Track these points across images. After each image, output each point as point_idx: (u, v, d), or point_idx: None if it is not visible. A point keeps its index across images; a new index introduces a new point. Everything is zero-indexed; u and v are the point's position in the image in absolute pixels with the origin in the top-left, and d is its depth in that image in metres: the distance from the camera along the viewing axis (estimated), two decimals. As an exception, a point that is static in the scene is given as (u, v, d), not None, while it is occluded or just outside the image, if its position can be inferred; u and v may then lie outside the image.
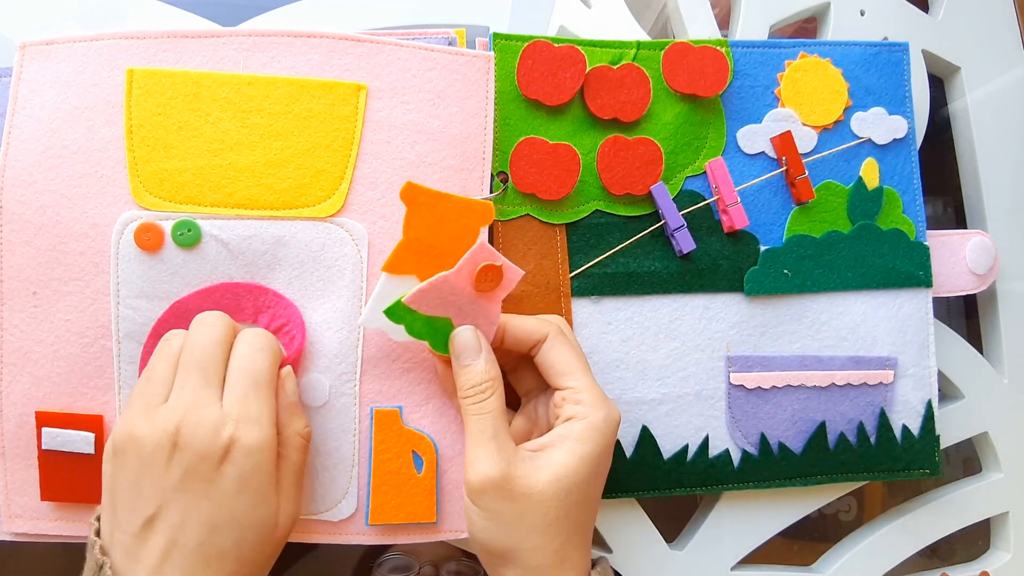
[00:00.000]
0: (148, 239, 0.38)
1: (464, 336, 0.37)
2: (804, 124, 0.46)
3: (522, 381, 0.41)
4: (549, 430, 0.37)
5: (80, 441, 0.38)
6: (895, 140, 0.47)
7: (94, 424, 0.38)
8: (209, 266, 0.39)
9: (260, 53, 0.40)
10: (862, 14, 0.51)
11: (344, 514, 0.40)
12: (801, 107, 0.46)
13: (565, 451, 0.35)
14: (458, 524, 0.41)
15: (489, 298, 0.37)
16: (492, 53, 0.42)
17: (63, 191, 0.39)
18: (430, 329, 0.37)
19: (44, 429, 0.38)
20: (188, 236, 0.38)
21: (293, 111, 0.40)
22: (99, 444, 0.39)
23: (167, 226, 0.38)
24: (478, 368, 0.36)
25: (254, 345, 0.35)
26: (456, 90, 0.41)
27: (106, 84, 0.39)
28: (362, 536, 0.40)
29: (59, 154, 0.39)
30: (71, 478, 0.38)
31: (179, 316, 0.38)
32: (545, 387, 0.40)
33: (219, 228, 0.39)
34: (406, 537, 0.41)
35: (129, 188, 0.39)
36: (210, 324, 0.35)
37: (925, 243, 0.47)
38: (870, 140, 0.47)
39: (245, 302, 0.39)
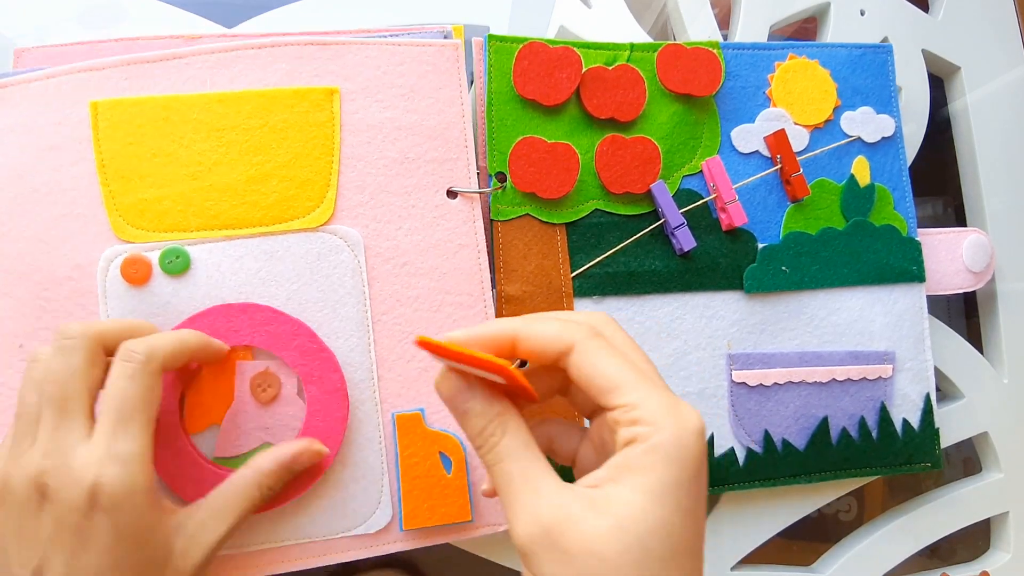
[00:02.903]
0: (135, 272, 0.37)
1: (444, 385, 0.29)
2: (795, 123, 0.46)
3: (577, 399, 0.32)
4: None
5: None
6: (883, 138, 0.48)
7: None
8: (202, 291, 0.38)
9: (225, 69, 0.39)
10: (862, 14, 0.51)
11: (379, 525, 0.39)
12: (792, 107, 0.46)
13: (627, 488, 0.25)
14: (494, 518, 0.40)
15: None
16: (459, 41, 0.42)
17: (40, 236, 0.37)
18: None
19: None
20: (177, 263, 0.38)
21: (268, 123, 0.39)
22: None
23: (154, 256, 0.37)
24: (474, 411, 0.28)
25: (125, 371, 0.31)
26: (428, 82, 0.41)
27: (70, 121, 0.38)
28: (399, 544, 0.39)
29: (30, 198, 0.37)
30: None
31: None
32: None
33: (208, 252, 0.38)
34: (444, 538, 0.40)
35: (109, 223, 0.38)
36: (68, 348, 0.31)
37: (916, 239, 0.47)
38: (860, 138, 0.47)
39: (240, 322, 0.38)
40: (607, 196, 0.43)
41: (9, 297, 0.37)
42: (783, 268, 0.45)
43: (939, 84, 0.54)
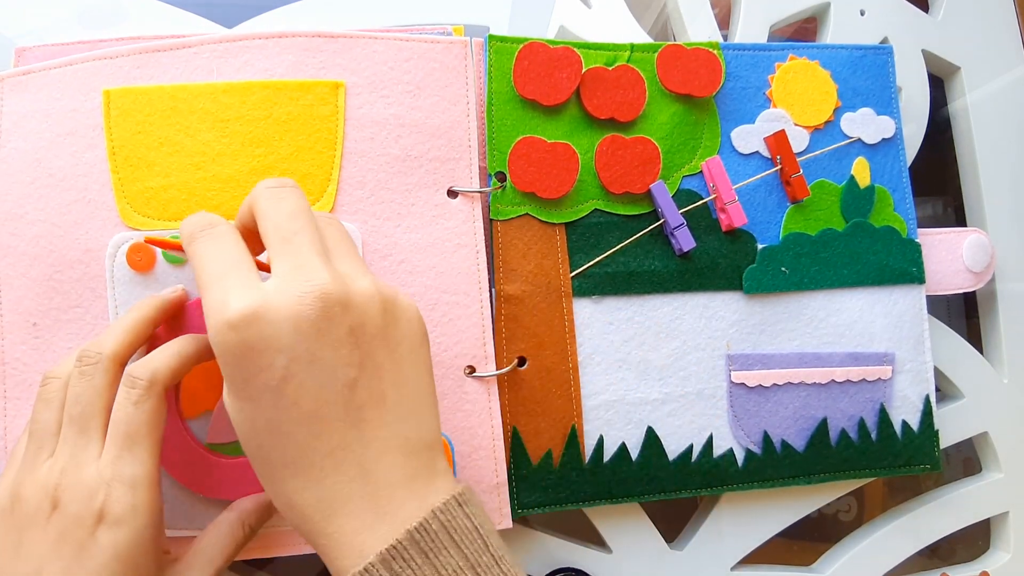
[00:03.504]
0: (140, 259, 0.38)
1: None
2: (796, 124, 0.46)
3: None
4: None
5: None
6: (884, 140, 0.48)
7: None
8: None
9: (233, 59, 0.39)
10: (862, 14, 0.51)
11: None
12: (792, 108, 0.46)
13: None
14: None
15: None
16: (467, 39, 0.42)
17: (54, 219, 0.38)
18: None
19: None
20: (178, 253, 0.38)
21: (272, 115, 0.39)
22: None
23: None
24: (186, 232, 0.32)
25: (130, 397, 0.32)
26: (435, 79, 0.41)
27: (85, 108, 0.39)
28: None
29: (46, 183, 0.38)
30: None
31: (171, 332, 0.37)
32: None
33: None
34: None
35: (117, 210, 0.38)
36: (90, 372, 0.32)
37: (916, 240, 0.47)
38: (860, 140, 0.47)
39: None
40: (607, 196, 0.43)
41: (25, 278, 0.38)
42: (783, 269, 0.45)
43: (939, 84, 0.54)
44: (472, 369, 0.41)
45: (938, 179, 0.54)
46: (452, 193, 0.41)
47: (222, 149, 0.39)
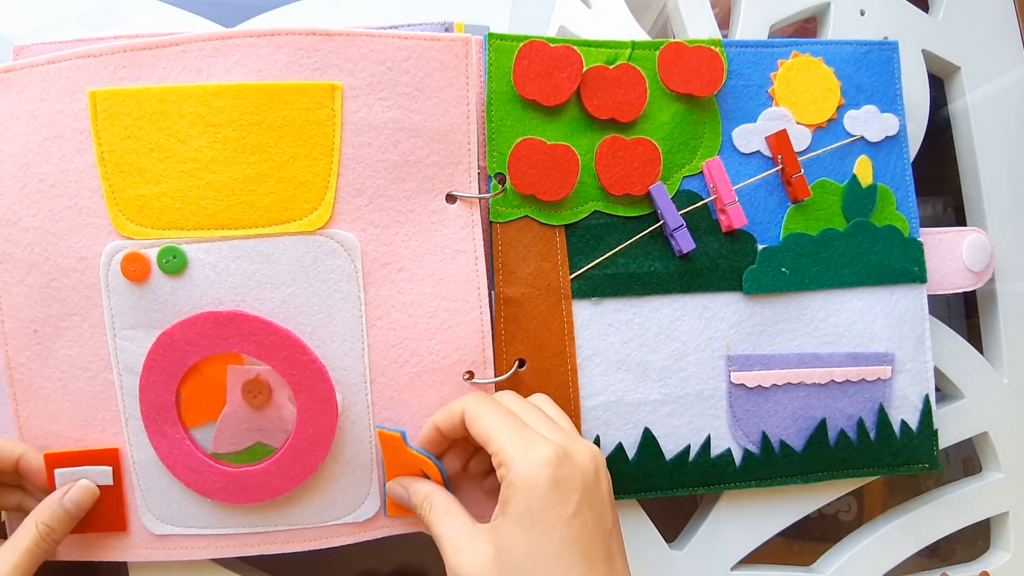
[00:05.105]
0: (135, 270, 0.37)
1: (392, 491, 0.39)
2: (798, 123, 0.46)
3: None
4: None
5: (98, 475, 0.38)
6: (887, 138, 0.47)
7: (110, 457, 0.38)
8: (198, 291, 0.38)
9: (223, 58, 0.38)
10: (862, 14, 0.51)
11: (368, 514, 0.40)
12: (795, 106, 0.46)
13: (500, 518, 0.33)
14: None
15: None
16: (469, 36, 0.41)
17: (47, 227, 0.37)
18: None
19: (57, 471, 0.38)
20: (174, 263, 0.37)
21: (266, 120, 0.38)
22: (116, 476, 0.39)
23: (152, 254, 0.37)
24: (412, 501, 0.37)
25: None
26: (435, 80, 0.40)
27: (71, 110, 0.37)
28: (386, 528, 0.41)
29: (36, 188, 0.37)
30: (92, 511, 0.38)
31: (167, 348, 0.37)
32: None
33: (205, 251, 0.38)
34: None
35: (109, 218, 0.37)
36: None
37: (919, 239, 0.47)
38: (863, 138, 0.47)
39: (227, 331, 0.37)
40: (607, 198, 0.43)
41: (23, 284, 0.38)
42: (783, 269, 0.45)
43: (939, 84, 0.54)
44: (471, 375, 0.41)
45: (938, 179, 0.54)
46: (451, 198, 0.41)
47: (215, 155, 0.38)
